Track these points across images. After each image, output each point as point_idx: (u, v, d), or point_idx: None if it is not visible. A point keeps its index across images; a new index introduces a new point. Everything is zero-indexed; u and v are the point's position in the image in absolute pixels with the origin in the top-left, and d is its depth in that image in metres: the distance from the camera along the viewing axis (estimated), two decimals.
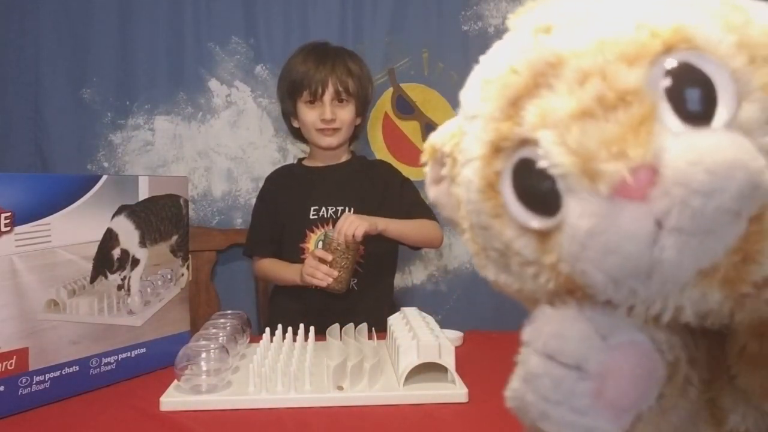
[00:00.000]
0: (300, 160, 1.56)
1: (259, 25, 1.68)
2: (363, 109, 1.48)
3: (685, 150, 0.24)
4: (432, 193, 0.40)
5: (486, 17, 1.72)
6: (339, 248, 1.24)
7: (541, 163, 0.27)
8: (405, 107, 1.72)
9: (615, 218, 0.25)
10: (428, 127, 1.73)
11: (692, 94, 0.26)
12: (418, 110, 1.71)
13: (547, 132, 0.27)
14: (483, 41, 1.71)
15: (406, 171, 1.69)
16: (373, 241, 1.38)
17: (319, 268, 1.25)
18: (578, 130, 0.26)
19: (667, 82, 0.26)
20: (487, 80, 0.31)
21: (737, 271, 0.26)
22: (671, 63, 0.26)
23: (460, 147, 0.34)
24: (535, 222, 0.29)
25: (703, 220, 0.24)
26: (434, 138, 0.39)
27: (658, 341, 0.29)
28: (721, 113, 0.25)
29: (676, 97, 0.26)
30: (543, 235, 0.29)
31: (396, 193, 1.45)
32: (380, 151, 1.72)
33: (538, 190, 0.28)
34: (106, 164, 1.67)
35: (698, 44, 0.26)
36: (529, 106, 0.28)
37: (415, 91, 1.68)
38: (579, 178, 0.26)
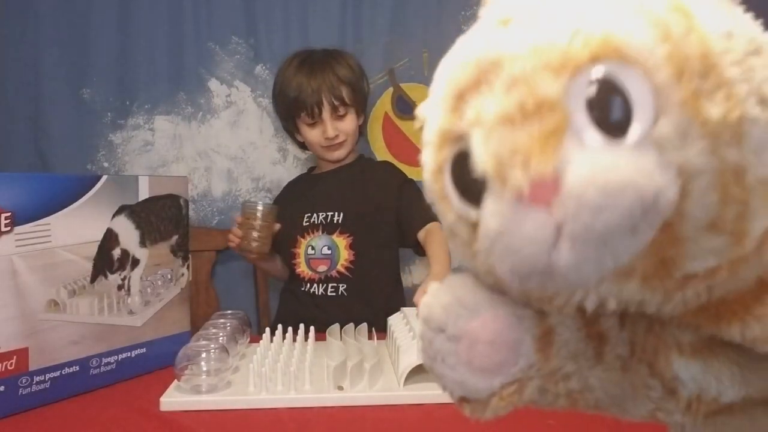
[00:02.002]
0: (311, 169, 1.57)
1: (259, 25, 1.69)
2: (363, 108, 1.48)
3: (584, 166, 0.25)
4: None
5: None
6: (248, 214, 1.34)
7: (471, 158, 0.29)
8: (405, 107, 1.72)
9: (518, 221, 0.26)
10: None
11: (609, 107, 0.26)
12: None
13: (477, 130, 0.28)
14: None
15: (407, 171, 1.69)
16: (374, 244, 1.39)
17: (231, 231, 1.37)
18: (498, 134, 0.27)
19: (589, 93, 0.26)
20: (445, 65, 0.33)
21: (657, 270, 0.27)
22: (595, 74, 0.26)
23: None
24: (468, 212, 0.30)
25: (594, 232, 0.25)
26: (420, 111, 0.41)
27: (520, 314, 0.33)
28: (635, 128, 0.26)
29: (596, 109, 0.26)
30: (474, 224, 0.30)
31: (393, 194, 1.43)
32: (380, 151, 1.72)
33: (468, 182, 0.29)
34: (106, 164, 1.67)
35: (626, 55, 0.26)
36: (471, 101, 0.29)
37: (415, 91, 1.68)
38: (493, 180, 0.27)
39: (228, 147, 1.70)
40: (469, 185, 0.30)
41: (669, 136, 0.26)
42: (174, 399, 0.86)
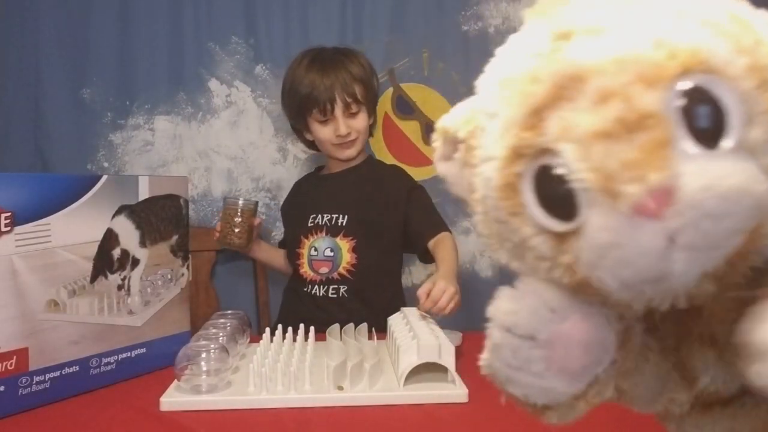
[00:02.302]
0: (318, 168, 1.56)
1: (259, 25, 1.68)
2: (374, 107, 1.47)
3: (698, 175, 0.26)
4: (441, 169, 0.41)
5: (486, 17, 1.71)
6: (229, 210, 1.39)
7: (562, 173, 0.29)
8: (405, 107, 1.72)
9: (632, 235, 0.27)
10: (428, 127, 1.73)
11: (704, 117, 0.27)
12: (418, 110, 1.71)
13: (569, 146, 0.28)
14: (483, 41, 1.71)
15: (407, 171, 1.70)
16: (377, 248, 1.38)
17: (215, 227, 1.42)
18: (600, 149, 0.27)
19: (682, 103, 0.27)
20: (507, 80, 0.33)
21: (732, 267, 0.29)
22: (687, 85, 0.27)
23: (478, 140, 0.35)
24: (555, 225, 0.31)
25: (713, 238, 0.26)
26: (447, 121, 0.40)
27: (606, 313, 0.32)
28: (731, 135, 0.27)
29: (689, 119, 0.27)
30: (560, 237, 0.30)
31: (401, 200, 1.41)
32: (380, 151, 1.72)
33: (558, 196, 0.30)
34: (106, 164, 1.67)
35: (712, 67, 0.27)
36: (551, 117, 0.29)
37: (415, 91, 1.68)
38: (600, 195, 0.27)
39: (228, 147, 1.70)
40: (555, 199, 0.30)
41: (761, 142, 0.27)
42: (174, 399, 0.86)
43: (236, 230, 1.38)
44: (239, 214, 1.39)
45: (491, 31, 1.71)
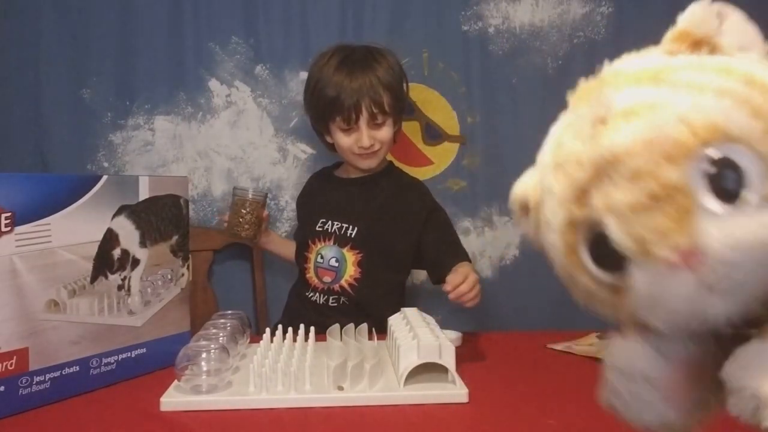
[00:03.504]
0: (336, 165, 1.53)
1: (259, 25, 1.68)
2: (400, 116, 1.41)
3: (723, 235, 0.31)
4: (522, 228, 0.48)
5: (486, 17, 1.71)
6: (238, 201, 1.38)
7: (609, 238, 0.35)
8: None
9: (668, 286, 0.33)
10: (428, 127, 1.73)
11: (725, 179, 0.32)
12: (418, 110, 1.71)
13: (611, 218, 0.34)
14: (483, 41, 1.71)
15: (407, 171, 1.70)
16: (383, 266, 1.38)
17: (222, 216, 1.43)
18: (635, 219, 0.33)
19: (706, 170, 0.33)
20: (558, 162, 0.39)
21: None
22: (709, 155, 0.33)
23: (542, 211, 0.41)
24: (609, 279, 0.37)
25: (743, 284, 0.32)
26: (518, 189, 0.47)
27: (693, 349, 0.39)
28: (753, 194, 0.32)
29: (714, 183, 0.32)
30: (616, 289, 0.36)
31: (418, 221, 1.37)
32: None
33: (608, 256, 0.36)
34: (106, 164, 1.66)
35: (730, 136, 0.33)
36: (595, 193, 0.36)
37: (415, 91, 1.68)
38: (639, 256, 0.33)
39: (228, 147, 1.70)
40: (605, 257, 0.36)
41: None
42: (174, 399, 0.86)
43: (244, 221, 1.37)
44: (248, 205, 1.37)
45: (491, 31, 1.71)
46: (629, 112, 0.35)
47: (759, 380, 0.34)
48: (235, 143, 1.70)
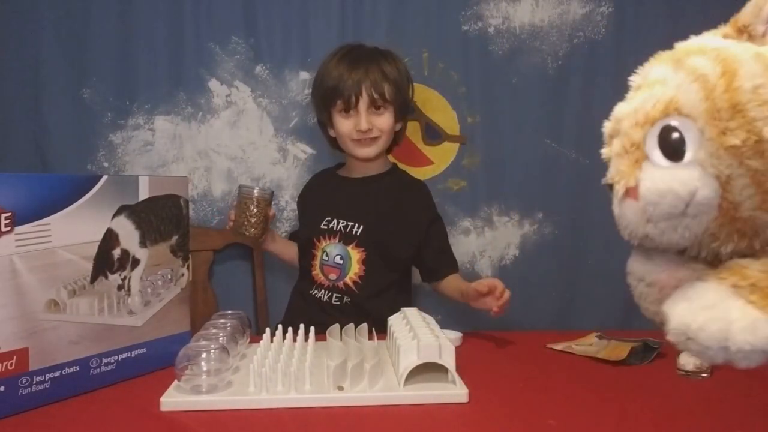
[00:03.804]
0: (338, 165, 1.55)
1: (259, 25, 1.68)
2: (403, 113, 1.43)
3: (649, 180, 0.45)
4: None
5: (486, 17, 1.71)
6: (244, 199, 1.36)
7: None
8: None
9: (623, 210, 0.48)
10: (428, 127, 1.73)
11: (671, 143, 0.45)
12: (418, 110, 1.71)
13: (611, 160, 0.51)
14: (483, 41, 1.71)
15: (406, 171, 1.70)
16: (386, 266, 1.39)
17: (228, 215, 1.41)
18: (615, 163, 0.49)
19: (659, 134, 0.45)
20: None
21: (743, 237, 0.46)
22: (663, 123, 0.45)
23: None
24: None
25: (659, 215, 0.45)
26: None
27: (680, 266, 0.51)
28: (688, 154, 0.44)
29: (663, 143, 0.45)
30: None
31: (421, 228, 1.42)
32: None
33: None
34: (106, 164, 1.66)
35: (682, 111, 0.44)
36: (612, 141, 0.51)
37: (415, 91, 1.68)
38: (614, 188, 0.49)
39: (228, 147, 1.70)
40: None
41: (705, 158, 0.43)
42: (174, 399, 0.86)
43: (252, 220, 1.36)
44: (255, 203, 1.36)
45: (491, 31, 1.71)
46: (644, 85, 0.48)
47: (671, 305, 0.46)
48: (235, 143, 1.70)
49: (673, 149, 0.44)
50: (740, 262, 0.45)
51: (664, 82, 0.46)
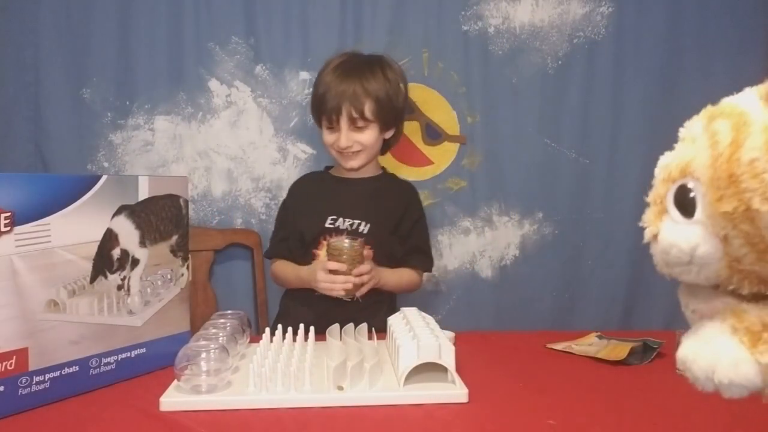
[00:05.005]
0: (327, 168, 1.54)
1: (259, 25, 1.68)
2: (391, 123, 1.43)
3: (663, 231, 0.51)
4: None
5: (486, 17, 1.72)
6: (349, 257, 1.26)
7: None
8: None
9: (653, 251, 0.53)
10: (428, 127, 1.73)
11: (682, 201, 0.50)
12: (418, 110, 1.71)
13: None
14: (483, 41, 1.72)
15: (407, 171, 1.70)
16: (388, 260, 1.39)
17: (335, 280, 1.27)
18: (650, 208, 0.53)
19: (675, 193, 0.50)
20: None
21: (753, 281, 0.50)
22: (678, 183, 0.50)
23: None
24: None
25: (671, 262, 0.51)
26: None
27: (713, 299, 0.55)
28: (697, 213, 0.49)
29: (678, 200, 0.50)
30: None
31: (408, 226, 1.45)
32: None
33: None
34: (106, 164, 1.67)
35: (694, 174, 0.49)
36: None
37: (415, 91, 1.68)
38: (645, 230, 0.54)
39: (228, 147, 1.70)
40: None
41: (705, 219, 0.48)
42: (174, 399, 0.86)
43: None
44: (355, 261, 1.26)
45: (491, 31, 1.71)
46: (685, 139, 0.52)
47: (684, 337, 0.51)
48: (235, 143, 1.70)
49: (684, 207, 0.49)
50: (742, 306, 0.50)
51: (693, 141, 0.50)
